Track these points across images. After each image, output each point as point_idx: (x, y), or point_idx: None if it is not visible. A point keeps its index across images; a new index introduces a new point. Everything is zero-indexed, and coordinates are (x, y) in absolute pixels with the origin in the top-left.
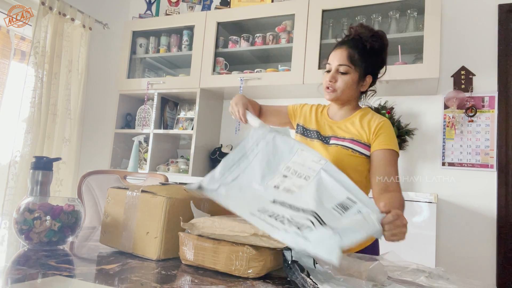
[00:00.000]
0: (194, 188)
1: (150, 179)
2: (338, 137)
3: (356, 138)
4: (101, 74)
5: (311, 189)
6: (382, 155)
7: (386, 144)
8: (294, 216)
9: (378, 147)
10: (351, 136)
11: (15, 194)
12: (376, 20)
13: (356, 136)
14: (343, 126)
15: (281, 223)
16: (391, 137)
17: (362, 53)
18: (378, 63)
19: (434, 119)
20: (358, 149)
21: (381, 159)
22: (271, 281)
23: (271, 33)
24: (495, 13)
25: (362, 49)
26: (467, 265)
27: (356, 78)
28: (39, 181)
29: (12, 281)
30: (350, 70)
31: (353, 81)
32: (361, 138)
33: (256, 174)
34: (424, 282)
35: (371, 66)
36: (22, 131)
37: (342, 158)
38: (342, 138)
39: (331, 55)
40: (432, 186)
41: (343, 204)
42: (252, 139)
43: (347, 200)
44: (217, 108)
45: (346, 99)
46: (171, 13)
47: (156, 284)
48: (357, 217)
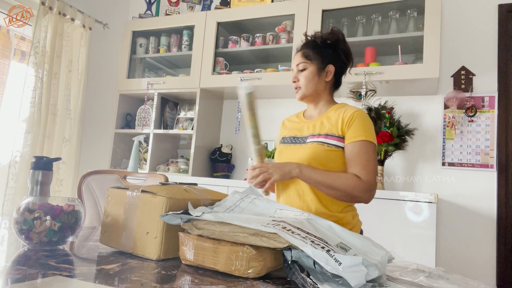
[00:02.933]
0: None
1: (150, 179)
2: (314, 134)
3: (330, 132)
4: (101, 74)
5: (309, 225)
6: (352, 148)
7: (357, 136)
8: (308, 236)
9: (349, 140)
10: (326, 131)
11: (15, 194)
12: (376, 20)
13: (330, 131)
14: (319, 123)
15: (300, 237)
16: (364, 127)
17: (315, 48)
18: (337, 54)
19: (434, 119)
20: (333, 143)
21: (351, 153)
22: (271, 281)
23: (271, 33)
24: (495, 13)
25: (314, 45)
26: (467, 265)
27: (315, 70)
28: (39, 181)
29: (12, 281)
30: (307, 65)
31: (313, 74)
32: (335, 132)
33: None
34: (424, 282)
35: (328, 56)
36: (22, 131)
37: (319, 154)
38: (318, 134)
39: (292, 62)
40: (432, 186)
41: (340, 246)
42: (233, 199)
43: (341, 244)
44: (217, 108)
45: (314, 93)
46: (171, 13)
47: (156, 284)
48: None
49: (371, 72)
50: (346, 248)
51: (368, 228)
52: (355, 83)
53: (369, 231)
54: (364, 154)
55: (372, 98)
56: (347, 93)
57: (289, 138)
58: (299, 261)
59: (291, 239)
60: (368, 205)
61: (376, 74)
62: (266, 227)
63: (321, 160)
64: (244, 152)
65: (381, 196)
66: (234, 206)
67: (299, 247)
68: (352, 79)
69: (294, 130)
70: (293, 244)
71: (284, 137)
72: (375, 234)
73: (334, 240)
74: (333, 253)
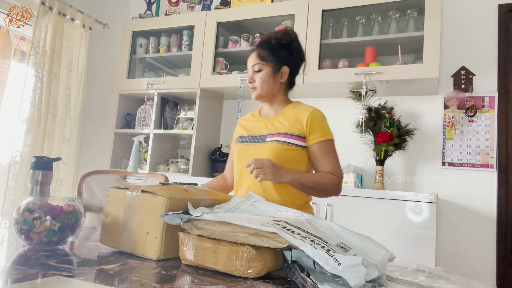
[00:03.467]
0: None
1: (150, 179)
2: (273, 133)
3: (290, 131)
4: (101, 74)
5: (309, 225)
6: (318, 148)
7: (320, 136)
8: (308, 236)
9: (314, 141)
10: (285, 131)
11: (15, 194)
12: (376, 20)
13: (289, 130)
14: (276, 122)
15: (300, 237)
16: (323, 127)
17: (270, 49)
18: (291, 55)
19: (434, 119)
20: (294, 142)
21: (319, 153)
22: (271, 281)
23: None
24: (495, 13)
25: (269, 46)
26: (467, 265)
27: (270, 72)
28: (39, 181)
29: (12, 281)
30: (263, 66)
31: (268, 75)
32: (295, 131)
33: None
34: (424, 282)
35: (283, 57)
36: (22, 131)
37: (281, 153)
38: (277, 133)
39: (247, 62)
40: (432, 186)
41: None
42: (233, 202)
43: (341, 244)
44: (217, 108)
45: (269, 94)
46: (171, 13)
47: (156, 284)
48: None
49: (371, 72)
50: (346, 248)
51: (368, 228)
52: (355, 83)
53: (369, 231)
54: (331, 152)
55: (372, 98)
56: (347, 93)
57: (248, 137)
58: (299, 261)
59: (291, 238)
60: (368, 205)
61: (376, 74)
62: (266, 227)
63: (283, 158)
64: None
65: (381, 196)
66: (234, 208)
67: (299, 247)
68: (352, 79)
69: (252, 129)
70: (293, 244)
71: (242, 136)
72: (375, 234)
73: (334, 240)
74: (333, 253)
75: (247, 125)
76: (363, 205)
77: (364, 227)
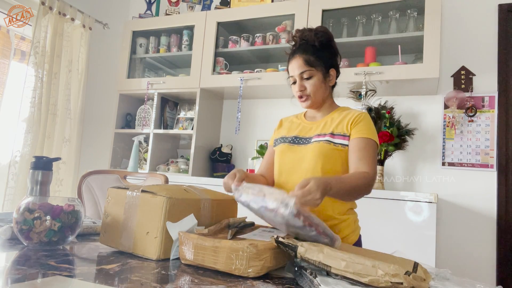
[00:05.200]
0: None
1: (150, 179)
2: (319, 134)
3: (336, 131)
4: (101, 74)
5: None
6: (358, 142)
7: (364, 133)
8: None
9: (356, 135)
10: (331, 131)
11: (15, 194)
12: (376, 20)
13: (335, 130)
14: (323, 124)
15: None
16: (370, 127)
17: (315, 52)
18: (333, 54)
19: (434, 119)
20: (339, 141)
21: (355, 145)
22: (271, 281)
23: (271, 33)
24: (495, 13)
25: (313, 49)
26: (467, 265)
27: (321, 77)
28: (39, 181)
29: (12, 281)
30: (313, 73)
31: (320, 81)
32: (340, 131)
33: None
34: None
35: (329, 59)
36: (22, 131)
37: (326, 152)
38: (323, 134)
39: (290, 68)
40: (432, 186)
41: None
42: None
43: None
44: (217, 108)
45: (321, 100)
46: (171, 13)
47: (156, 284)
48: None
49: (371, 72)
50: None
51: (368, 228)
52: (355, 83)
53: (369, 231)
54: (370, 150)
55: (372, 98)
56: (347, 93)
57: (292, 138)
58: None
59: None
60: (369, 205)
61: (376, 74)
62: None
63: (328, 158)
64: (244, 152)
65: (381, 196)
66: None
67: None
68: (352, 79)
69: (296, 131)
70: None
71: (285, 137)
72: (375, 234)
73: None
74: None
75: (291, 127)
76: (363, 205)
77: (364, 227)
